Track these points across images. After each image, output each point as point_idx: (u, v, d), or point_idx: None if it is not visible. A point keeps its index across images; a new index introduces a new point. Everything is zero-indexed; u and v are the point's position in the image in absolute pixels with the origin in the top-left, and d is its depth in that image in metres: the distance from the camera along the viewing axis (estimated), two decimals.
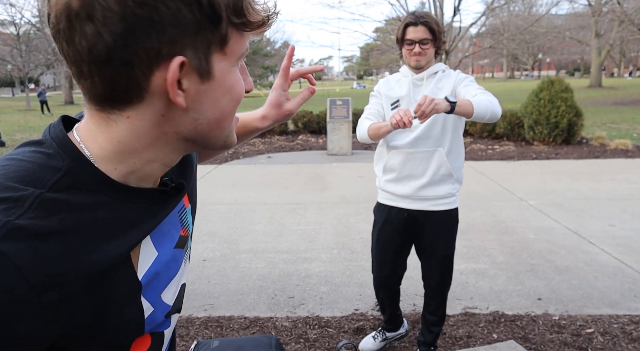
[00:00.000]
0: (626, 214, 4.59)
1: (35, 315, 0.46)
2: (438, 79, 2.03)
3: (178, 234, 0.68)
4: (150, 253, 0.61)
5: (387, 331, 2.45)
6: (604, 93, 23.59)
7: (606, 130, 10.51)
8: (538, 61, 57.12)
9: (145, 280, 0.60)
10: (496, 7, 16.00)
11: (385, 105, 2.10)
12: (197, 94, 0.53)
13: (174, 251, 0.67)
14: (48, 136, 0.56)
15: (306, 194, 5.65)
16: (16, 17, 27.50)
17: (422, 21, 1.93)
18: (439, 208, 2.05)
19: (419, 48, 1.94)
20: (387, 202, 2.13)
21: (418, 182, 2.03)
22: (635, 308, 2.77)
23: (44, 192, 0.49)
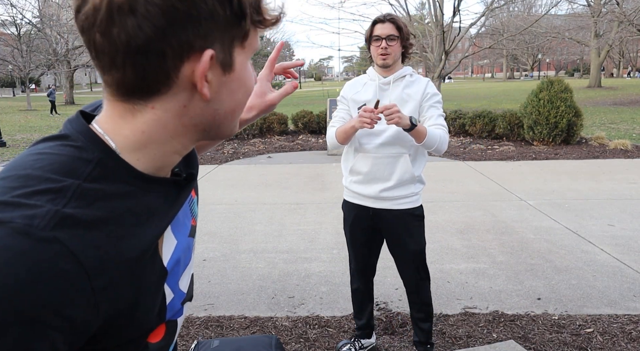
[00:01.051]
0: (625, 214, 4.60)
1: (88, 300, 0.48)
2: (406, 84, 2.06)
3: (190, 223, 0.72)
4: (171, 241, 0.64)
5: (362, 338, 2.42)
6: (603, 94, 23.60)
7: (605, 130, 10.52)
8: (537, 61, 57.13)
9: (170, 267, 0.63)
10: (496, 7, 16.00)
11: (352, 109, 2.14)
12: (219, 86, 0.56)
13: (189, 239, 0.70)
14: (72, 130, 0.58)
15: (306, 194, 5.66)
16: (17, 17, 27.53)
17: (389, 18, 2.00)
18: (403, 207, 2.10)
19: (386, 43, 1.99)
20: (353, 200, 2.19)
21: (383, 185, 2.08)
22: (635, 308, 2.78)
23: (81, 182, 0.52)
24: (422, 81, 2.08)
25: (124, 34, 0.48)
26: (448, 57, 13.72)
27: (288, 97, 33.10)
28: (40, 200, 0.48)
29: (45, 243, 0.45)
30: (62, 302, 0.45)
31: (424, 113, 2.06)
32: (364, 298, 2.39)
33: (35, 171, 0.51)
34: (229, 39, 0.55)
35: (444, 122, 2.07)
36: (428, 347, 2.31)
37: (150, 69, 0.51)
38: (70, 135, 0.57)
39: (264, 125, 10.82)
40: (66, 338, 0.47)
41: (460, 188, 5.87)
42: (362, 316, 2.41)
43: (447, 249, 3.81)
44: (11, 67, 28.53)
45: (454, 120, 10.08)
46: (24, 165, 0.53)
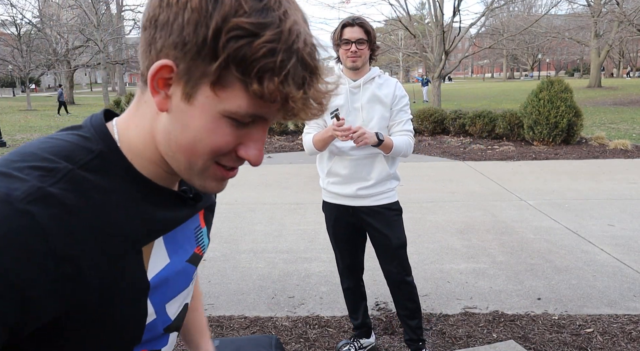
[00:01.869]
0: (625, 214, 4.60)
1: (47, 283, 0.47)
2: (376, 86, 2.09)
3: (192, 250, 0.70)
4: (163, 257, 0.63)
5: (361, 337, 2.43)
6: (603, 94, 23.60)
7: (605, 130, 10.52)
8: (537, 61, 57.13)
9: (154, 283, 0.61)
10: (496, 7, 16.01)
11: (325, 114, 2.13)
12: (176, 109, 0.53)
13: (186, 265, 0.68)
14: (88, 123, 0.60)
15: (306, 194, 5.66)
16: (17, 17, 27.55)
17: (358, 22, 2.01)
18: (380, 202, 2.14)
19: (355, 47, 2.01)
20: (332, 201, 2.23)
21: (361, 184, 2.12)
22: (635, 308, 2.78)
23: (75, 168, 0.53)
24: (391, 83, 2.12)
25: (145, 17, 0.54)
26: (448, 57, 13.72)
27: None
28: (30, 175, 0.49)
29: (18, 214, 0.46)
30: (20, 277, 0.45)
31: (393, 117, 2.11)
32: (356, 297, 2.40)
33: (38, 151, 0.53)
34: (197, 70, 0.50)
35: (411, 126, 2.15)
36: (420, 344, 2.30)
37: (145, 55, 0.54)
38: (84, 126, 0.59)
39: None
40: (12, 316, 0.45)
41: (460, 188, 5.87)
42: (357, 315, 2.41)
43: (447, 249, 3.81)
44: (11, 67, 28.54)
45: (454, 120, 10.07)
46: (32, 145, 0.55)
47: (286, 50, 0.48)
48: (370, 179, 2.11)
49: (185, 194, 0.66)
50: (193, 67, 0.50)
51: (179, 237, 0.66)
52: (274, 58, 0.47)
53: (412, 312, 2.26)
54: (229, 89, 0.50)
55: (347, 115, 2.07)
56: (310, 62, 0.50)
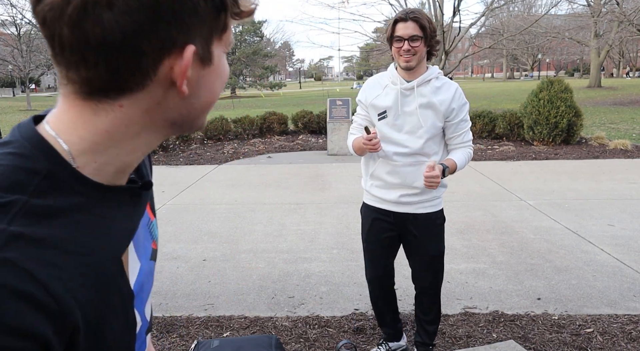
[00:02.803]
0: (625, 214, 4.60)
1: (55, 321, 0.44)
2: (431, 90, 1.92)
3: (150, 246, 0.68)
4: (135, 262, 0.61)
5: (389, 341, 2.39)
6: (603, 94, 23.60)
7: (605, 130, 10.52)
8: (537, 61, 57.13)
9: (136, 290, 0.59)
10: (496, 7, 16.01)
11: (371, 115, 2.03)
12: (197, 80, 0.53)
13: (151, 263, 0.67)
14: (18, 136, 0.51)
15: (306, 194, 5.66)
16: (17, 17, 27.48)
17: (412, 17, 1.82)
18: (424, 210, 2.04)
19: (408, 45, 1.83)
20: (373, 204, 2.12)
21: (405, 191, 2.02)
22: (635, 308, 2.78)
23: (28, 198, 0.46)
24: (450, 89, 1.94)
25: (100, 28, 0.44)
26: (448, 57, 13.72)
27: (288, 97, 32.99)
28: None
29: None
30: (28, 325, 0.41)
31: (453, 129, 1.97)
32: (385, 309, 2.31)
33: None
34: (208, 32, 0.52)
35: (470, 135, 2.06)
36: (430, 348, 2.30)
37: (125, 66, 0.47)
38: (14, 141, 0.50)
39: (264, 125, 10.82)
40: None
41: (460, 188, 5.87)
42: (386, 327, 2.36)
43: (447, 249, 3.78)
44: (11, 67, 28.51)
45: None
46: None
47: None
48: (416, 187, 1.98)
49: (136, 184, 0.61)
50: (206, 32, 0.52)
51: (141, 237, 0.64)
52: None
53: (435, 318, 2.26)
54: (227, 28, 0.54)
55: (395, 119, 1.94)
56: None
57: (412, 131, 1.93)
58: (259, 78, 41.99)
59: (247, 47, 40.49)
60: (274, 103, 25.06)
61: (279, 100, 28.29)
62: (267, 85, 42.24)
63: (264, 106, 21.91)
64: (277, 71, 51.85)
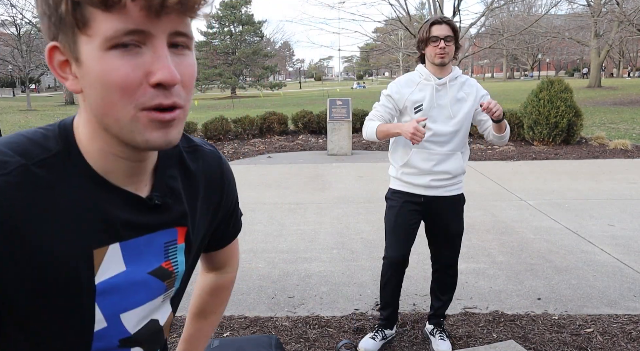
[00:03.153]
0: (625, 214, 4.60)
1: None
2: (459, 85, 2.21)
3: (159, 264, 0.67)
4: (117, 264, 0.61)
5: (386, 328, 2.47)
6: (603, 94, 23.60)
7: (605, 130, 10.51)
8: (537, 61, 57.11)
9: (102, 287, 0.59)
10: (496, 7, 16.00)
11: (409, 108, 2.22)
12: (81, 79, 0.54)
13: (148, 277, 0.65)
14: (57, 123, 0.60)
15: (306, 194, 5.66)
16: (17, 17, 27.47)
17: (446, 20, 2.13)
18: (453, 192, 2.29)
19: (444, 44, 2.11)
20: (404, 189, 2.30)
21: (436, 176, 2.23)
22: (635, 308, 2.78)
23: (29, 164, 0.54)
24: (472, 81, 2.24)
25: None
26: None
27: (288, 97, 33.00)
28: None
29: None
30: None
31: (479, 117, 2.24)
32: (397, 291, 2.43)
33: (0, 145, 0.55)
34: (67, 27, 0.51)
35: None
36: (441, 320, 2.46)
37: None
38: (53, 125, 0.60)
39: (264, 125, 10.82)
40: None
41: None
42: (391, 308, 2.45)
43: None
44: (11, 67, 28.50)
45: None
46: (0, 139, 0.57)
47: None
48: (446, 173, 2.22)
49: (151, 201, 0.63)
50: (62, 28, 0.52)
51: (141, 247, 0.63)
52: None
53: (450, 288, 2.46)
54: (91, 21, 0.50)
55: (431, 110, 2.17)
56: None
57: (445, 121, 2.18)
58: (259, 78, 41.98)
59: (247, 47, 40.48)
60: (274, 103, 25.06)
61: (279, 100, 28.28)
62: (267, 85, 42.24)
63: (264, 106, 21.91)
64: (277, 71, 51.82)
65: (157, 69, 0.51)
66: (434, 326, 2.46)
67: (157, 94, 0.52)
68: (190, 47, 0.56)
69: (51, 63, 0.54)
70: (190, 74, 0.56)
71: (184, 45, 0.55)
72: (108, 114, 0.54)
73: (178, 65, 0.54)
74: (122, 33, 0.49)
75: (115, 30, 0.49)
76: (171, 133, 0.55)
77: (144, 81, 0.52)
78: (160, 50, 0.52)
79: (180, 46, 0.55)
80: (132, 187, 0.62)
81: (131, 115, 0.53)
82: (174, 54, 0.54)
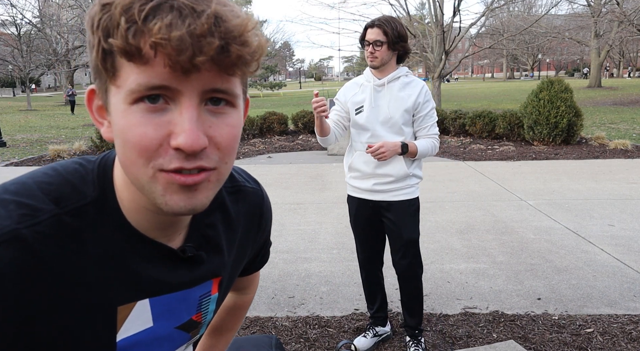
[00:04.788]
0: (626, 214, 4.60)
1: (8, 318, 0.47)
2: (401, 86, 2.16)
3: (189, 317, 0.64)
4: (144, 320, 0.58)
5: (376, 325, 2.49)
6: (603, 94, 23.59)
7: (605, 130, 10.51)
8: (537, 61, 57.10)
9: (123, 345, 0.57)
10: (496, 7, 16.00)
11: (350, 110, 2.26)
12: (113, 129, 0.50)
13: (174, 331, 0.62)
14: (98, 160, 0.56)
15: (306, 194, 5.66)
16: (17, 17, 27.51)
17: (377, 24, 2.07)
18: (399, 198, 2.21)
19: (372, 48, 2.08)
20: (354, 194, 2.32)
21: (378, 180, 2.20)
22: (635, 308, 2.78)
23: (62, 213, 0.50)
24: (417, 85, 2.16)
25: None
26: (448, 57, 13.71)
27: (288, 97, 32.99)
28: (12, 212, 0.47)
29: None
30: None
31: (418, 122, 2.19)
32: (373, 287, 2.46)
33: (34, 184, 0.51)
34: (103, 75, 0.48)
35: (436, 129, 2.22)
36: (416, 332, 2.39)
37: None
38: (93, 163, 0.56)
39: (264, 125, 10.82)
40: None
41: (460, 188, 5.87)
42: (373, 305, 2.48)
43: (447, 249, 3.81)
44: (11, 67, 28.49)
45: (454, 120, 10.06)
46: (35, 175, 0.53)
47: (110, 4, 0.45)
48: (388, 176, 2.18)
49: (184, 254, 0.59)
50: (98, 74, 0.48)
51: (174, 303, 0.60)
52: (110, 12, 0.44)
53: (413, 298, 2.35)
54: (120, 71, 0.46)
55: (370, 112, 2.17)
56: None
57: (384, 122, 2.15)
58: (258, 78, 41.95)
59: None
60: (274, 103, 25.06)
61: (279, 100, 28.28)
62: (267, 85, 42.23)
63: (263, 106, 21.91)
64: (277, 71, 51.81)
65: (179, 131, 0.46)
66: (409, 338, 2.41)
67: (178, 157, 0.47)
68: (236, 104, 0.50)
69: (90, 106, 0.52)
70: (228, 135, 0.49)
71: (227, 101, 0.49)
72: (128, 170, 0.50)
73: (212, 126, 0.48)
74: (145, 87, 0.45)
75: (137, 83, 0.45)
76: (196, 198, 0.49)
77: (164, 142, 0.47)
78: (187, 110, 0.46)
79: (223, 103, 0.49)
80: (165, 239, 0.57)
81: (149, 176, 0.48)
82: (211, 112, 0.49)
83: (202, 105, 0.48)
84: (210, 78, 0.46)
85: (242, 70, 0.47)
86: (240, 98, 0.52)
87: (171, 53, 0.42)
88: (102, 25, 0.44)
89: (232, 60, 0.45)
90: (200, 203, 0.50)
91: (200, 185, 0.49)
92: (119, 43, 0.43)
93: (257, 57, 0.47)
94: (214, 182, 0.51)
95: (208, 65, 0.44)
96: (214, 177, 0.50)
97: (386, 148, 2.03)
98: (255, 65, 0.48)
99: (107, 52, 0.45)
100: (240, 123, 0.52)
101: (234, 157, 0.53)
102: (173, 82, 0.45)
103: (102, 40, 0.44)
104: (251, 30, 0.45)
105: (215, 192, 0.52)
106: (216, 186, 0.51)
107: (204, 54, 0.43)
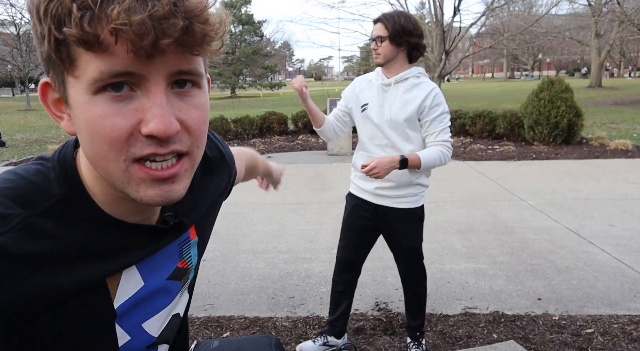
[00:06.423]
0: (626, 214, 4.59)
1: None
2: (409, 86, 2.02)
3: (174, 266, 0.65)
4: (135, 282, 0.59)
5: (330, 334, 2.35)
6: (603, 94, 23.58)
7: (606, 130, 10.50)
8: (538, 61, 57.10)
9: (123, 309, 0.58)
10: (496, 7, 16.00)
11: (355, 105, 2.17)
12: (73, 121, 0.48)
13: (166, 282, 0.64)
14: (56, 156, 0.54)
15: (306, 194, 5.65)
16: (16, 17, 27.45)
17: (380, 19, 2.00)
18: (401, 206, 2.12)
19: (375, 45, 2.02)
20: (356, 193, 2.25)
21: (380, 183, 2.10)
22: (635, 308, 2.77)
23: (32, 215, 0.48)
24: (425, 88, 2.01)
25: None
26: (448, 57, 13.72)
27: (288, 97, 33.02)
28: None
29: None
30: None
31: (425, 127, 2.03)
32: (342, 294, 2.33)
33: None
34: (57, 66, 0.45)
35: (447, 135, 2.03)
36: (418, 334, 2.35)
37: None
38: (52, 160, 0.54)
39: (264, 125, 10.82)
40: None
41: (461, 188, 5.86)
42: (336, 311, 2.34)
43: (447, 249, 3.80)
44: (11, 66, 28.50)
45: (454, 120, 10.04)
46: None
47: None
48: (390, 181, 2.06)
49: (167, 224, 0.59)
50: (52, 65, 0.46)
51: (159, 258, 0.62)
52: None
53: (415, 303, 2.33)
54: (77, 61, 0.44)
55: (374, 111, 2.08)
56: None
57: (391, 123, 2.04)
58: (258, 78, 41.96)
59: (247, 46, 40.46)
60: (274, 103, 25.05)
61: (278, 100, 28.28)
62: (267, 85, 42.21)
63: (263, 106, 21.90)
64: (277, 71, 51.81)
65: (150, 117, 0.45)
66: (410, 340, 2.37)
67: (150, 143, 0.46)
68: (201, 84, 0.50)
69: (44, 100, 0.50)
70: (197, 117, 0.48)
71: (193, 82, 0.48)
72: (98, 165, 0.48)
73: (182, 109, 0.47)
74: (108, 75, 0.43)
75: (100, 72, 0.43)
76: (173, 189, 0.49)
77: (135, 130, 0.45)
78: (155, 95, 0.45)
79: (189, 84, 0.48)
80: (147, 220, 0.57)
81: (122, 170, 0.47)
82: (178, 95, 0.47)
83: (169, 89, 0.47)
84: (175, 60, 0.45)
85: (206, 49, 0.45)
86: (204, 77, 0.51)
87: (133, 38, 0.41)
88: (51, 13, 0.41)
89: (197, 39, 0.43)
90: (177, 194, 0.49)
91: (176, 177, 0.49)
92: (74, 32, 0.40)
93: (221, 34, 0.46)
94: (189, 170, 0.50)
95: (172, 47, 0.43)
96: (188, 164, 0.50)
97: (380, 168, 1.88)
98: (219, 42, 0.46)
99: (60, 42, 0.43)
100: (207, 104, 0.51)
101: (205, 140, 0.52)
102: (137, 68, 0.43)
103: (53, 30, 0.42)
104: (211, 7, 0.44)
105: (191, 178, 0.51)
106: (191, 173, 0.51)
107: (167, 36, 0.41)
